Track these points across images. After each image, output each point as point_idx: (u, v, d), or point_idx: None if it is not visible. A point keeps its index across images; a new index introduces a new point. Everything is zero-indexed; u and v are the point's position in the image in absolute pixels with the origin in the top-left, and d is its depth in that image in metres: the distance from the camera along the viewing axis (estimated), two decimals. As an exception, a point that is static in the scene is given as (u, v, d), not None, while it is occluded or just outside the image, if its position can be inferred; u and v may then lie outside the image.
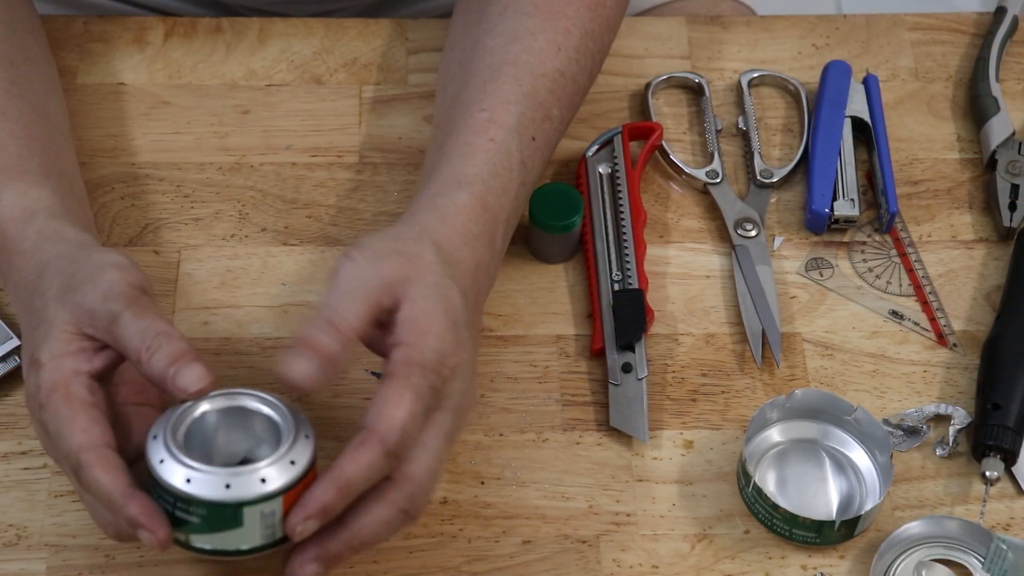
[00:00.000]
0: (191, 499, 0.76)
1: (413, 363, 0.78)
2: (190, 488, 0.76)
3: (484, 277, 0.86)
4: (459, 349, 0.80)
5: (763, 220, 1.01)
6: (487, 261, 0.86)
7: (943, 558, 0.88)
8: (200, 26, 1.09)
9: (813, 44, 1.11)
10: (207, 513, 0.76)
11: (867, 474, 0.90)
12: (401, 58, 1.08)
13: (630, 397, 0.92)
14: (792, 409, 0.91)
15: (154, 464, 0.77)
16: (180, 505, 0.76)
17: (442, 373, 0.79)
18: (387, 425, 0.76)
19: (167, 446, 0.77)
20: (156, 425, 0.79)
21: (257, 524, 0.76)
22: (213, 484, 0.76)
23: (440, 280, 0.82)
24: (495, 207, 0.87)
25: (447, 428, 0.80)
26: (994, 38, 1.09)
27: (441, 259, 0.83)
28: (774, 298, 0.97)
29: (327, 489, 0.76)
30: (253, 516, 0.76)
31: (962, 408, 0.93)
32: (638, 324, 0.94)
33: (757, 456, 0.91)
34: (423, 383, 0.78)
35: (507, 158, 0.89)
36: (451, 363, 0.80)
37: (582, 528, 0.89)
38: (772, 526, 0.88)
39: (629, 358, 0.94)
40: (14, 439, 0.91)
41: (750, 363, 0.95)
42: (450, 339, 0.80)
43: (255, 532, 0.77)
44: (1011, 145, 1.04)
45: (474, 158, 0.89)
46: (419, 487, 0.78)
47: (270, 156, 1.03)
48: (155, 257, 0.98)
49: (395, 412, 0.77)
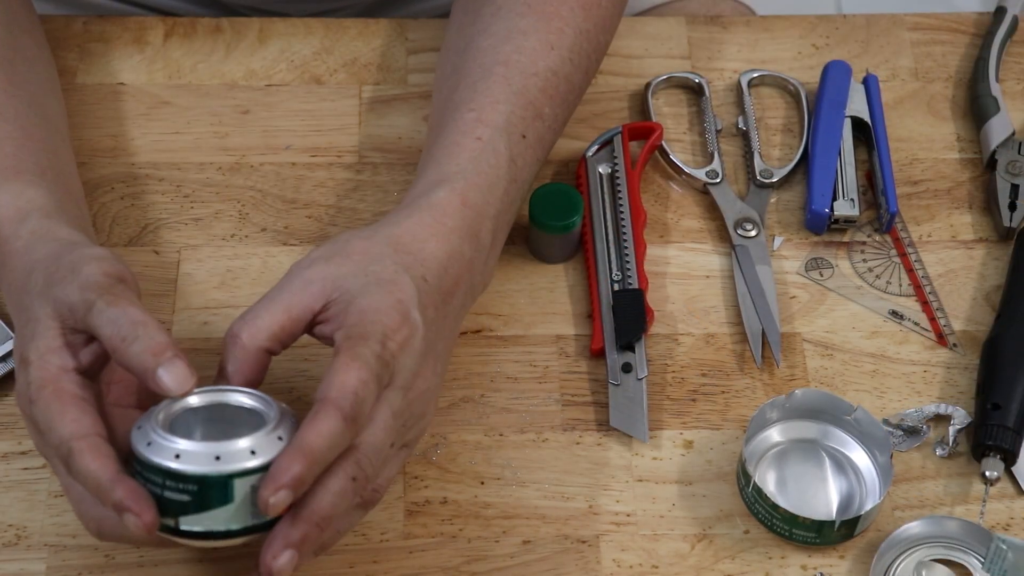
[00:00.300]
0: (181, 475, 0.75)
1: (355, 337, 0.79)
2: (180, 464, 0.76)
3: (464, 270, 0.87)
4: (404, 326, 0.80)
5: (763, 220, 1.01)
6: (468, 255, 0.86)
7: (943, 558, 0.88)
8: (200, 26, 1.09)
9: (813, 44, 1.11)
10: (197, 488, 0.76)
11: (867, 474, 0.90)
12: (401, 58, 1.08)
13: (630, 397, 0.92)
14: (792, 409, 0.91)
15: (141, 448, 0.76)
16: (169, 484, 0.76)
17: (388, 346, 0.79)
18: (339, 391, 0.77)
19: (154, 430, 0.77)
20: (140, 419, 0.79)
21: (247, 500, 0.76)
22: (203, 457, 0.76)
23: (384, 267, 0.82)
24: (478, 203, 0.88)
25: (396, 405, 0.80)
26: (994, 38, 1.09)
27: (392, 250, 0.83)
28: (774, 298, 0.97)
29: (293, 458, 0.75)
30: (243, 490, 0.76)
31: (962, 408, 0.93)
32: (638, 324, 0.94)
33: (757, 456, 0.91)
34: (368, 352, 0.78)
35: (494, 155, 0.89)
36: (397, 338, 0.80)
37: (582, 528, 0.89)
38: (772, 526, 0.88)
39: (629, 358, 0.94)
40: (14, 439, 0.91)
41: (750, 363, 0.95)
42: (394, 316, 0.80)
43: (244, 510, 0.76)
44: (1011, 145, 1.04)
45: (459, 157, 0.89)
46: (366, 456, 0.78)
47: (270, 156, 1.03)
48: (155, 257, 0.98)
49: (345, 379, 0.77)
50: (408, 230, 0.85)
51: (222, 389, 0.80)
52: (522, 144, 0.91)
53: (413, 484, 0.90)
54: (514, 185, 0.91)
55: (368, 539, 0.88)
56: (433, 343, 0.84)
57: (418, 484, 0.90)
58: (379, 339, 0.79)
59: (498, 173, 0.89)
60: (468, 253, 0.87)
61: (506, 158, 0.90)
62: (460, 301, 0.87)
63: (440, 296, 0.85)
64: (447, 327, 0.86)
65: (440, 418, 0.92)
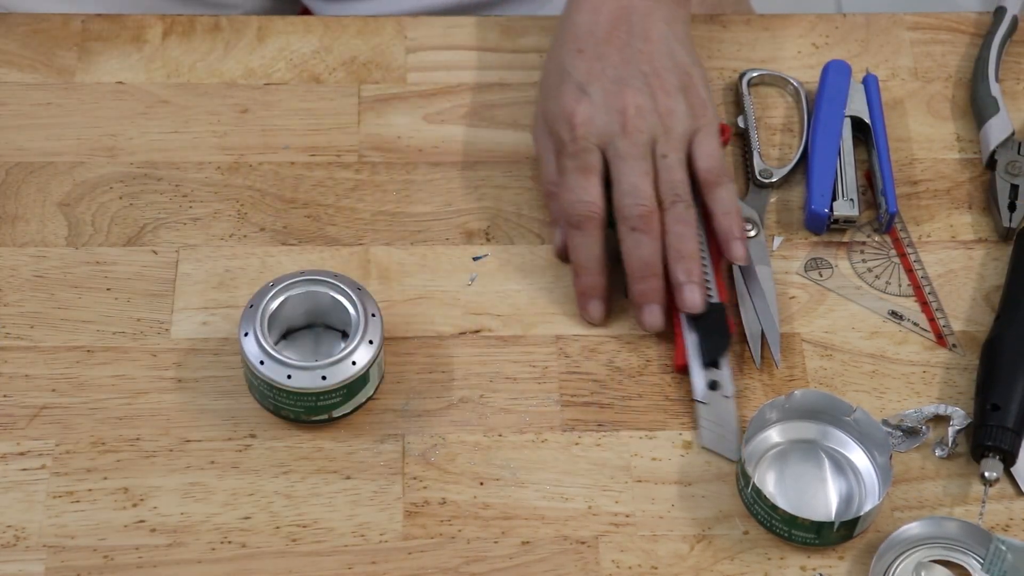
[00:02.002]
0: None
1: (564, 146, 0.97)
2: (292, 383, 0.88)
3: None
4: (577, 102, 0.96)
5: (762, 220, 1.01)
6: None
7: (942, 559, 0.88)
8: (198, 25, 1.09)
9: (813, 43, 1.11)
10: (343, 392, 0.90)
11: (866, 475, 0.90)
12: (400, 57, 1.08)
13: (719, 416, 0.92)
14: (791, 410, 0.91)
15: (255, 364, 0.88)
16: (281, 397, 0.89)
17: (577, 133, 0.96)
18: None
19: (261, 347, 0.89)
20: (244, 321, 0.89)
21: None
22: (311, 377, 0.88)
23: (546, 64, 1.01)
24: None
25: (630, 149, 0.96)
26: (994, 38, 1.09)
27: (554, 45, 1.01)
28: (773, 298, 0.97)
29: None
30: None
31: (961, 409, 0.93)
32: (724, 340, 0.93)
33: (756, 457, 0.91)
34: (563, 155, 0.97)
35: None
36: (576, 120, 0.96)
37: (581, 529, 0.89)
38: (771, 527, 0.88)
39: (715, 375, 0.93)
40: (12, 440, 0.90)
41: (749, 364, 0.95)
42: (565, 98, 0.97)
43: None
44: (1011, 145, 1.03)
45: None
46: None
47: (269, 155, 1.03)
48: (153, 257, 0.98)
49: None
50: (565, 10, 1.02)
51: (309, 279, 0.92)
52: None
53: (412, 485, 0.90)
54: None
55: (367, 540, 0.88)
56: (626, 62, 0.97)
57: (417, 485, 0.90)
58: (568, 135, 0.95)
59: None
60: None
61: None
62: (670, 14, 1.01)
63: (610, 31, 0.98)
64: (639, 34, 0.99)
65: (439, 418, 0.92)
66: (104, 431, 0.91)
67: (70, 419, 0.91)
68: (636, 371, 0.95)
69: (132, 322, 0.95)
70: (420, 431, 0.92)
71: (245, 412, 0.92)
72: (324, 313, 0.93)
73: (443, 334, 0.96)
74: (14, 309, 0.95)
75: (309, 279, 0.91)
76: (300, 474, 0.90)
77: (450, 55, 1.09)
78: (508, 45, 1.09)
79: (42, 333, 0.95)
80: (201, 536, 0.87)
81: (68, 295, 0.96)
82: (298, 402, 0.89)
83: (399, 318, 0.96)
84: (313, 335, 0.94)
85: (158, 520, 0.88)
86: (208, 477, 0.89)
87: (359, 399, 0.91)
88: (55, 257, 0.98)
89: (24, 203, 1.00)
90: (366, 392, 0.91)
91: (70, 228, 0.99)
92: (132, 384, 0.93)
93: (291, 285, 0.91)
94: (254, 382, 0.90)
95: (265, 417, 0.92)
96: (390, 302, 0.96)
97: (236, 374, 0.93)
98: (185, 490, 0.89)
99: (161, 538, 0.87)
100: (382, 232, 1.00)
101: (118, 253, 0.98)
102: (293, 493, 0.89)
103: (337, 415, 0.91)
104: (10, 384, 0.92)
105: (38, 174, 1.01)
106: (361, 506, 0.89)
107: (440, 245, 1.00)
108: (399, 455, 0.91)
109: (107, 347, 0.94)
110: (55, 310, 0.95)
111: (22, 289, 0.96)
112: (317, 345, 0.94)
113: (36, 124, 1.04)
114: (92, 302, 0.96)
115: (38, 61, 1.07)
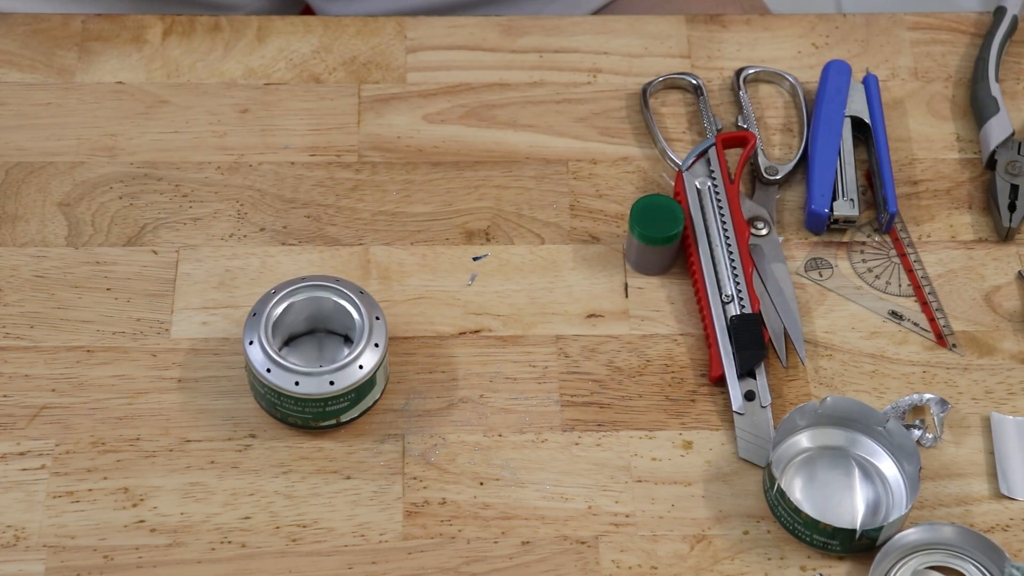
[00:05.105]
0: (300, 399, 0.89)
1: None
2: (299, 389, 0.88)
3: None
4: None
5: (773, 217, 1.00)
6: None
7: (940, 564, 0.87)
8: (198, 25, 1.09)
9: (813, 43, 1.11)
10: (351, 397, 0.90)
11: (895, 485, 0.90)
12: (400, 56, 1.08)
13: (756, 426, 0.91)
14: (823, 416, 0.91)
15: (262, 372, 0.88)
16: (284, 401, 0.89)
17: None
18: None
19: (267, 354, 0.88)
20: (248, 329, 0.89)
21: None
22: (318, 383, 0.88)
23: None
24: None
25: None
26: (994, 38, 1.09)
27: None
28: (792, 296, 0.96)
29: None
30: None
31: (934, 395, 0.92)
32: (759, 350, 0.93)
33: (785, 461, 0.90)
34: None
35: None
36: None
37: (581, 529, 0.89)
38: (794, 531, 0.88)
39: (750, 385, 0.93)
40: (12, 440, 0.90)
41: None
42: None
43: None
44: (1011, 145, 1.03)
45: None
46: None
47: (269, 155, 1.03)
48: (153, 257, 0.98)
49: None
50: None
51: (311, 285, 0.92)
52: None
53: (412, 485, 0.90)
54: None
55: (367, 540, 0.88)
56: None
57: (417, 485, 0.90)
58: None
59: None
60: None
61: None
62: None
63: None
64: None
65: (439, 418, 0.92)
66: (104, 431, 0.91)
67: (70, 419, 0.91)
68: (636, 371, 0.95)
69: (132, 322, 0.95)
70: (420, 431, 0.92)
71: (245, 412, 0.92)
72: (327, 318, 0.93)
73: (443, 334, 0.96)
74: (14, 309, 0.95)
75: (311, 285, 0.91)
76: (300, 474, 0.90)
77: (450, 55, 1.09)
78: (508, 45, 1.09)
79: (42, 333, 0.95)
80: (201, 536, 0.87)
81: (68, 295, 0.96)
82: (306, 408, 0.89)
83: (399, 318, 0.96)
84: (316, 341, 0.94)
85: (158, 520, 0.88)
86: (208, 477, 0.89)
87: (366, 403, 0.91)
88: (55, 257, 0.98)
89: (24, 203, 1.00)
90: (373, 396, 0.91)
91: (70, 228, 0.99)
92: (132, 384, 0.93)
93: (293, 291, 0.91)
94: (260, 390, 0.90)
95: (265, 418, 0.92)
96: (390, 302, 0.97)
97: (236, 374, 0.93)
98: (185, 490, 0.89)
99: (161, 538, 0.87)
100: (382, 232, 1.00)
101: (118, 253, 0.98)
102: (293, 493, 0.89)
103: (345, 420, 0.90)
104: (10, 384, 0.92)
105: (38, 174, 1.01)
106: (361, 506, 0.89)
107: (440, 245, 1.00)
108: (399, 455, 0.91)
109: (107, 347, 0.94)
110: (55, 310, 0.96)
111: (22, 289, 0.96)
112: (321, 351, 0.94)
113: (36, 124, 1.04)
114: (92, 302, 0.96)
115: (38, 61, 1.07)
